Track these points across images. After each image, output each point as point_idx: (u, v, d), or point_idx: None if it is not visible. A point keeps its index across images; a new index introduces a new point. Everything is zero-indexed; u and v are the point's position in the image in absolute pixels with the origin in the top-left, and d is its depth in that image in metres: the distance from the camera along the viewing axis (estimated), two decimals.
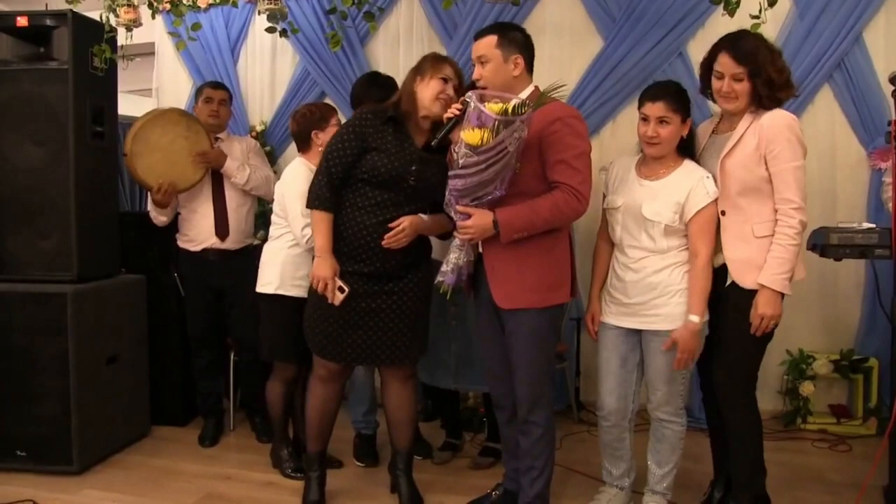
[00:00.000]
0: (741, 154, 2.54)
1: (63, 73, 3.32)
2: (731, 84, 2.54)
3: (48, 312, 3.29)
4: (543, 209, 2.47)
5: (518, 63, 2.56)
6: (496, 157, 2.34)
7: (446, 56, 2.83)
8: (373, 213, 2.70)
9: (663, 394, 2.68)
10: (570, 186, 2.47)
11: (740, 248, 2.55)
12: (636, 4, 3.98)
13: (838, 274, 3.83)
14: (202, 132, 3.66)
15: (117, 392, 3.59)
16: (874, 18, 3.75)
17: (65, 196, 3.35)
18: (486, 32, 2.60)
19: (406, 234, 2.70)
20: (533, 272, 2.55)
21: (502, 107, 2.32)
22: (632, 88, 4.02)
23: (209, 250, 3.72)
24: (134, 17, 3.41)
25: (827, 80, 3.84)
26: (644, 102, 2.63)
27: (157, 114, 3.60)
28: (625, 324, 2.70)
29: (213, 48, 4.68)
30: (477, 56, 2.57)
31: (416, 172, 2.68)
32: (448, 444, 3.56)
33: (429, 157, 2.69)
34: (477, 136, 2.32)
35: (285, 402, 3.34)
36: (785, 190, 2.48)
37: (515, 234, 2.49)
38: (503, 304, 2.58)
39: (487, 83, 2.54)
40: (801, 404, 3.87)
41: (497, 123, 2.30)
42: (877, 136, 3.74)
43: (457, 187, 2.44)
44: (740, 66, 2.51)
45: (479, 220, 2.48)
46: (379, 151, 2.67)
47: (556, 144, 2.48)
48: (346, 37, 4.28)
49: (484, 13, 4.14)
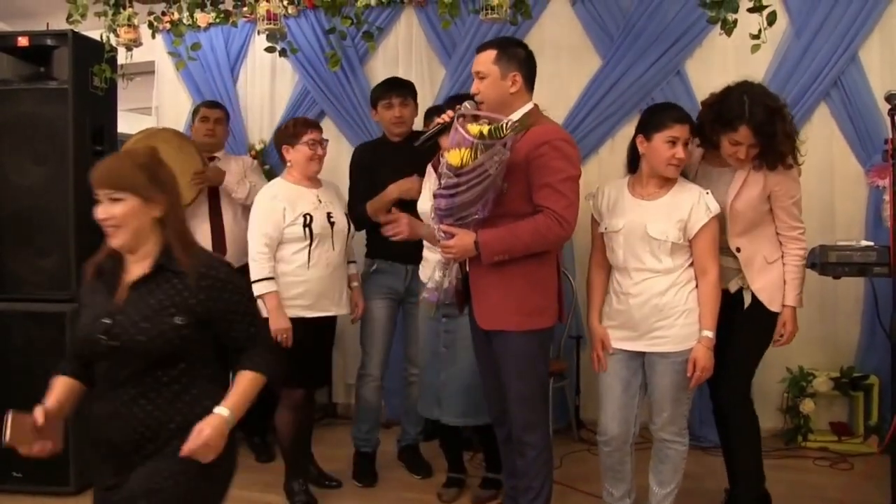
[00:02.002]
0: (747, 195, 2.70)
1: (63, 92, 3.33)
2: (742, 150, 2.63)
3: (47, 332, 3.27)
4: (525, 233, 2.45)
5: (516, 80, 2.54)
6: (477, 180, 2.33)
7: None
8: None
9: (669, 414, 2.67)
10: (554, 211, 2.44)
11: (762, 278, 2.76)
12: (634, 23, 4.01)
13: (838, 291, 3.82)
14: (194, 152, 3.63)
15: None
16: (869, 37, 3.78)
17: (64, 215, 3.35)
18: (486, 46, 2.59)
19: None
20: (516, 295, 2.52)
21: (479, 129, 2.29)
22: (630, 107, 4.04)
23: None
24: (134, 37, 3.42)
25: (824, 97, 3.86)
26: (671, 124, 2.57)
27: (148, 133, 3.57)
28: (629, 347, 2.68)
29: (212, 67, 4.70)
30: (475, 70, 2.56)
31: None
32: (452, 479, 3.35)
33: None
34: (458, 157, 2.30)
35: (296, 430, 3.18)
36: (790, 218, 2.76)
37: (496, 256, 2.47)
38: (484, 325, 2.58)
39: (484, 98, 2.53)
40: (802, 422, 3.86)
41: (476, 145, 2.28)
42: (874, 154, 3.75)
43: (440, 207, 2.44)
44: (756, 139, 2.60)
45: (461, 240, 2.46)
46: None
47: (542, 168, 2.44)
48: (345, 56, 4.30)
49: (483, 32, 4.15)
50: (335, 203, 3.22)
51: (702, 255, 2.59)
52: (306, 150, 3.13)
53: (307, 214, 3.07)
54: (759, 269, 2.76)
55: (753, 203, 2.70)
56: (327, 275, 3.11)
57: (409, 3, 4.38)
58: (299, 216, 3.06)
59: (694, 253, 2.61)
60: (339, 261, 3.19)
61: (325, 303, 3.12)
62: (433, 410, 3.14)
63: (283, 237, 3.04)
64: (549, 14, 4.19)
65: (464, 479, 3.37)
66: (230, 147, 4.45)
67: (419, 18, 4.39)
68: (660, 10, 3.97)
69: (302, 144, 3.13)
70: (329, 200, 3.19)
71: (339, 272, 3.20)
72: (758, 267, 2.76)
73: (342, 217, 3.20)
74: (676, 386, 2.62)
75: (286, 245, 3.05)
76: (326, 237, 3.10)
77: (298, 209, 3.07)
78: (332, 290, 3.15)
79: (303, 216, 3.06)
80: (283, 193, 3.11)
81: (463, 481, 3.37)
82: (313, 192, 3.17)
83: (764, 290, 2.76)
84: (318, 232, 3.07)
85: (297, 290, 3.06)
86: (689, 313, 2.59)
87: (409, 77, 4.36)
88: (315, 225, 3.07)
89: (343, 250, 3.21)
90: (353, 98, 4.42)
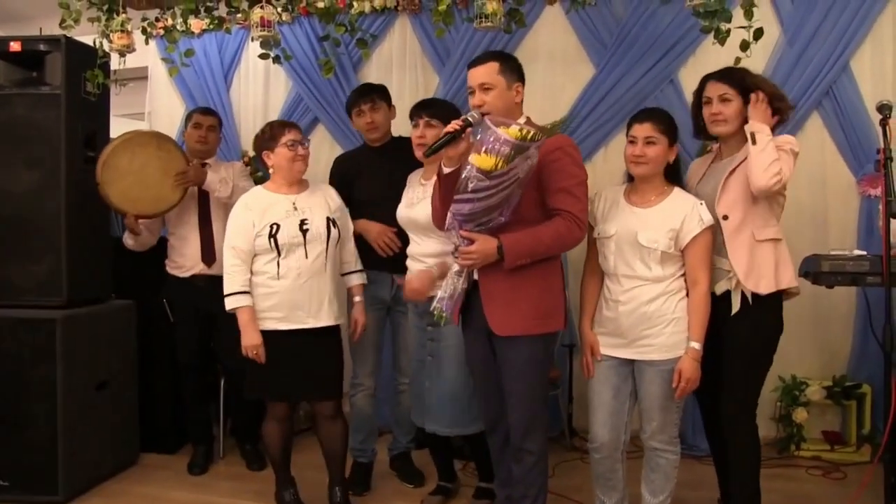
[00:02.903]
0: (743, 171, 2.62)
1: (56, 97, 3.33)
2: (718, 106, 2.64)
3: (37, 338, 3.26)
4: (546, 236, 2.49)
5: (519, 91, 2.61)
6: (507, 182, 2.34)
7: None
8: None
9: (658, 423, 2.66)
10: (572, 214, 2.49)
11: (746, 255, 2.62)
12: (627, 32, 4.03)
13: (830, 300, 3.83)
14: (175, 150, 3.58)
15: (106, 419, 3.55)
16: (860, 47, 3.80)
17: (56, 220, 3.34)
18: (485, 59, 2.60)
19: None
20: (529, 299, 2.55)
21: (519, 132, 2.30)
22: (624, 115, 4.03)
23: (197, 276, 3.69)
24: (127, 43, 3.40)
25: (816, 107, 3.88)
26: (632, 125, 2.68)
27: (125, 138, 3.48)
28: (618, 354, 2.68)
29: (206, 73, 4.69)
30: (479, 83, 2.56)
31: None
32: (441, 487, 3.33)
33: None
34: (491, 161, 2.28)
35: (283, 442, 3.14)
36: None
37: (519, 260, 2.48)
38: (499, 331, 2.57)
39: (491, 109, 2.52)
40: (795, 431, 3.86)
41: (513, 148, 2.28)
42: (866, 163, 3.77)
43: (462, 212, 2.43)
44: (727, 86, 2.63)
45: (484, 245, 2.47)
46: None
47: (559, 173, 2.50)
48: (339, 63, 4.30)
49: (476, 40, 4.17)
50: (316, 209, 3.04)
51: (693, 266, 2.59)
52: (286, 151, 3.00)
53: (274, 224, 2.94)
54: (742, 245, 2.62)
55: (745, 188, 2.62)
56: (299, 285, 2.95)
57: (404, 10, 4.38)
58: (265, 226, 2.93)
59: (686, 263, 2.61)
60: (316, 269, 2.99)
61: (299, 314, 2.96)
62: (419, 418, 3.13)
63: (255, 248, 2.94)
64: (543, 22, 4.20)
65: (451, 487, 3.35)
66: (223, 154, 4.44)
67: (413, 26, 4.40)
68: (653, 19, 3.99)
69: (281, 147, 3.00)
70: (309, 206, 3.03)
71: (316, 282, 2.99)
72: (740, 241, 2.63)
73: (321, 223, 3.01)
74: (665, 394, 2.61)
75: (258, 256, 2.96)
76: (296, 246, 2.95)
77: (267, 218, 2.95)
78: (307, 302, 2.97)
79: (269, 226, 2.93)
80: (256, 203, 3.00)
81: (450, 490, 3.35)
82: (290, 198, 3.02)
83: (750, 272, 2.61)
84: (284, 242, 2.92)
85: (270, 303, 2.95)
86: (678, 322, 2.59)
87: (402, 84, 4.39)
88: (282, 235, 2.92)
89: (323, 259, 3.01)
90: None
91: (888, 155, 2.60)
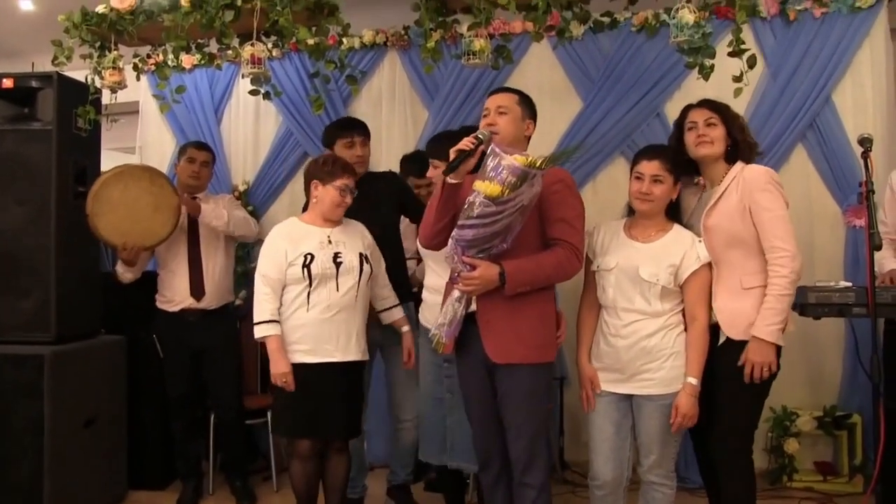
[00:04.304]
0: (725, 206, 2.62)
1: (47, 133, 3.35)
2: (704, 129, 2.66)
3: (25, 374, 3.24)
4: (548, 265, 2.52)
5: (530, 126, 2.69)
6: (512, 209, 2.37)
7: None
8: None
9: (657, 457, 2.64)
10: (571, 244, 2.54)
11: (728, 299, 2.59)
12: (614, 66, 4.09)
13: (819, 330, 3.84)
14: (167, 185, 3.58)
15: (94, 456, 3.51)
16: (841, 81, 3.87)
17: (46, 256, 3.34)
18: (506, 90, 2.72)
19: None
20: (527, 327, 2.55)
21: (528, 160, 2.32)
22: (611, 148, 4.10)
23: (187, 310, 3.68)
24: (119, 80, 3.43)
25: (801, 139, 3.93)
26: (639, 161, 2.69)
27: (117, 171, 3.48)
28: (616, 389, 2.67)
29: (196, 108, 4.72)
30: (496, 105, 2.63)
31: None
32: None
33: None
34: (497, 188, 2.31)
35: (305, 481, 3.02)
36: (773, 238, 2.54)
37: (520, 287, 2.50)
38: (497, 359, 2.56)
39: (502, 133, 2.57)
40: (787, 461, 3.85)
41: (519, 176, 2.31)
42: (850, 194, 3.81)
43: (466, 238, 2.44)
44: (711, 112, 2.66)
45: (486, 271, 2.48)
46: None
47: (559, 203, 2.55)
48: (328, 98, 4.34)
49: (465, 76, 4.22)
50: (350, 244, 3.01)
51: (692, 302, 2.61)
52: (336, 194, 2.97)
53: (308, 254, 2.91)
54: (728, 290, 2.60)
55: (730, 213, 2.60)
56: (328, 318, 2.90)
57: (393, 46, 4.43)
58: (300, 256, 2.91)
59: (684, 299, 2.62)
60: (346, 303, 2.94)
61: (327, 348, 2.91)
62: (440, 456, 3.07)
63: (286, 278, 2.92)
64: (530, 58, 4.25)
65: None
66: (214, 189, 4.45)
67: (402, 61, 4.45)
68: (639, 54, 4.06)
69: (333, 187, 2.97)
70: (342, 241, 3.00)
71: (347, 316, 2.94)
72: (727, 287, 2.60)
73: (355, 258, 2.97)
74: (664, 428, 2.60)
75: (288, 287, 2.93)
76: (329, 278, 2.92)
77: (301, 248, 2.92)
78: (335, 335, 2.92)
79: (303, 256, 2.91)
80: (290, 232, 2.99)
81: None
82: (325, 231, 3.00)
83: (725, 311, 2.58)
84: (317, 273, 2.89)
85: (297, 335, 2.92)
86: (677, 356, 2.59)
87: (391, 119, 4.43)
88: (315, 265, 2.90)
89: (354, 293, 2.96)
90: None
91: (870, 187, 2.62)
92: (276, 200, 4.68)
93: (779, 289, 2.51)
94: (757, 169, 2.64)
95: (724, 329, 2.59)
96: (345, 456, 3.07)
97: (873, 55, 3.85)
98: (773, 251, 2.54)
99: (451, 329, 2.56)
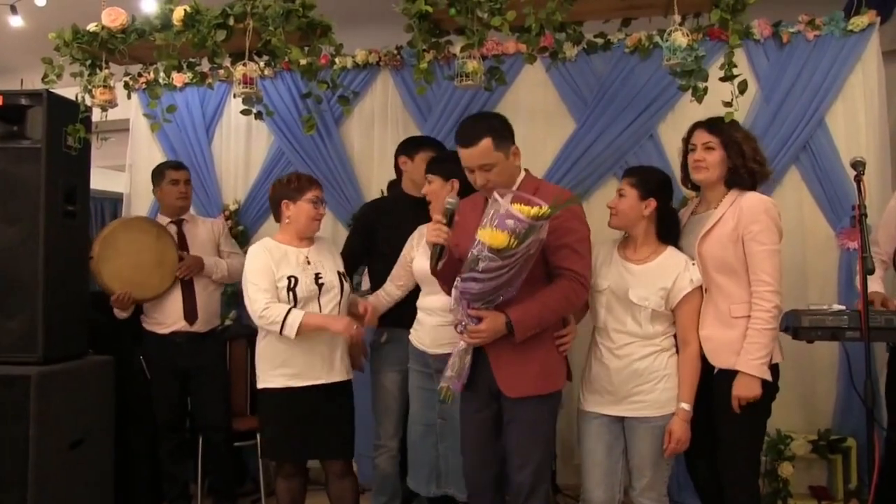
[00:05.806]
0: (719, 233, 2.62)
1: (36, 151, 3.31)
2: (702, 153, 2.67)
3: (11, 396, 3.18)
4: (554, 302, 2.47)
5: (516, 152, 2.59)
6: (521, 260, 2.31)
7: None
8: None
9: (649, 480, 2.63)
10: (575, 273, 2.48)
11: (716, 327, 2.59)
12: (607, 88, 4.08)
13: (813, 353, 3.82)
14: (171, 244, 3.68)
15: (80, 478, 3.44)
16: (834, 104, 3.88)
17: (34, 275, 3.29)
18: (476, 138, 2.49)
19: None
20: (536, 359, 2.53)
21: (534, 211, 2.24)
22: (604, 170, 4.09)
23: (177, 333, 3.65)
24: (110, 98, 3.40)
25: (794, 161, 3.93)
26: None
27: (127, 221, 3.65)
28: (608, 412, 2.66)
29: (187, 127, 4.69)
30: (478, 165, 2.51)
31: None
32: None
33: None
34: (503, 239, 2.22)
35: (292, 498, 3.06)
36: (760, 271, 2.56)
37: (529, 332, 2.46)
38: (511, 393, 2.52)
39: (496, 186, 2.48)
40: (781, 486, 3.81)
41: (528, 227, 2.24)
42: (843, 217, 3.81)
43: (471, 291, 2.38)
44: (711, 136, 2.67)
45: (492, 323, 2.43)
46: None
47: (559, 229, 2.45)
48: (320, 118, 4.32)
49: (458, 95, 4.21)
50: (326, 262, 3.02)
51: (684, 326, 2.60)
52: (309, 208, 2.97)
53: (291, 277, 2.89)
54: (717, 318, 2.60)
55: (723, 241, 2.61)
56: (313, 339, 2.89)
57: (385, 66, 4.43)
58: (282, 278, 2.88)
59: (677, 322, 2.61)
60: None
61: (314, 371, 2.92)
62: (429, 486, 3.01)
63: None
64: (523, 79, 4.25)
65: None
66: (204, 208, 4.43)
67: (395, 81, 4.44)
68: (633, 76, 4.05)
69: (305, 201, 2.97)
70: (319, 260, 3.00)
71: (329, 336, 2.94)
72: (715, 315, 2.61)
73: (333, 276, 2.99)
74: (657, 450, 2.59)
75: None
76: (311, 300, 2.92)
77: (283, 270, 2.90)
78: (319, 356, 2.93)
79: (287, 279, 2.89)
80: (271, 251, 2.96)
81: None
82: (302, 252, 2.99)
83: (711, 340, 2.60)
84: (302, 296, 2.89)
85: (283, 357, 2.90)
86: (669, 378, 2.58)
87: (384, 139, 4.42)
88: (300, 288, 2.89)
89: (336, 313, 2.97)
90: (329, 160, 4.43)
91: (863, 211, 2.62)
92: (268, 220, 4.62)
93: (762, 323, 2.54)
94: (755, 198, 2.62)
95: (710, 358, 2.59)
96: (348, 481, 3.05)
97: (866, 78, 3.85)
98: (759, 284, 2.57)
99: (459, 381, 2.52)
